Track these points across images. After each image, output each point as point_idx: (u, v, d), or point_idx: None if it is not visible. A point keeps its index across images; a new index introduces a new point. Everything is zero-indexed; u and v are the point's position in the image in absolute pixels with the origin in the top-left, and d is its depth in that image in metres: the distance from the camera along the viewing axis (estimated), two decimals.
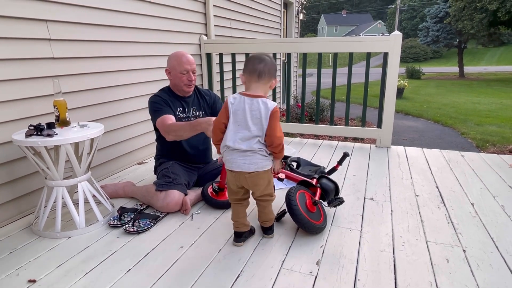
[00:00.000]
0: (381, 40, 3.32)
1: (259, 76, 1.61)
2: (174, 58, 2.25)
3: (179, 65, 2.22)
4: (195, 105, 2.39)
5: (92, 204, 1.99)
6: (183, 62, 2.22)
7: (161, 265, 1.63)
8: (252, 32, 5.61)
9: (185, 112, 2.34)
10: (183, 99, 2.34)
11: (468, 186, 2.50)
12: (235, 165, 1.64)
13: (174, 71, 2.24)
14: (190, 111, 2.37)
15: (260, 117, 1.59)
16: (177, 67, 2.22)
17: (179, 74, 2.23)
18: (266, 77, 1.63)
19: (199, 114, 2.41)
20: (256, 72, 1.61)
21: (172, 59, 2.26)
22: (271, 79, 1.66)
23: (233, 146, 1.61)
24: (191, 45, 3.80)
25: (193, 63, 2.27)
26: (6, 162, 2.02)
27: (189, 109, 2.36)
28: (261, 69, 1.61)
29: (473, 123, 7.52)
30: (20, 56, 2.05)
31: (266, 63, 1.62)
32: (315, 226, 1.82)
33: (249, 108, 1.60)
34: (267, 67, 1.62)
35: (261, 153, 1.63)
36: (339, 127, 3.72)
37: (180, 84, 2.26)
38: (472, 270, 1.57)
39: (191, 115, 2.37)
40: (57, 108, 1.94)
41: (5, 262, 1.68)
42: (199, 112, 2.41)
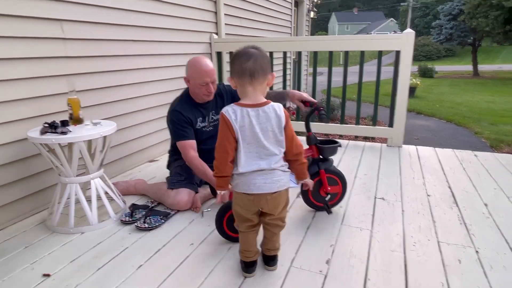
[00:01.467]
0: (393, 38, 3.29)
1: (252, 77, 1.33)
2: (193, 68, 2.13)
3: (198, 77, 2.11)
4: (213, 109, 2.33)
5: (105, 200, 2.02)
6: (202, 75, 2.10)
7: (172, 261, 1.65)
8: (263, 31, 5.60)
9: (204, 120, 2.28)
10: (202, 106, 2.27)
11: (481, 187, 2.46)
12: (254, 187, 1.36)
13: (193, 81, 2.14)
14: (210, 117, 2.31)
15: (273, 130, 1.36)
16: (197, 79, 2.12)
17: (198, 85, 2.14)
18: (261, 76, 1.35)
19: (218, 117, 2.35)
20: (246, 73, 1.33)
21: (191, 69, 2.14)
22: (266, 76, 1.37)
23: (249, 170, 1.36)
24: (201, 43, 3.81)
25: (213, 74, 2.15)
26: (21, 159, 2.07)
27: (208, 115, 2.30)
28: (251, 68, 1.33)
29: (487, 123, 7.38)
30: (35, 55, 2.09)
31: (256, 58, 1.34)
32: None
33: (256, 121, 1.34)
34: (258, 62, 1.34)
35: (282, 169, 1.41)
36: (350, 126, 3.70)
37: (199, 93, 2.18)
38: (485, 271, 1.55)
39: (210, 120, 2.31)
40: (71, 106, 1.97)
41: (20, 256, 1.72)
42: (218, 115, 2.32)
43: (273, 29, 6.13)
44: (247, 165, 1.37)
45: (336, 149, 2.01)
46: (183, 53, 3.50)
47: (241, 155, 1.37)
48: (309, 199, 2.06)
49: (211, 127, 2.32)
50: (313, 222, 2.00)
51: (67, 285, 1.50)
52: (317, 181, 2.01)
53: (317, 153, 2.00)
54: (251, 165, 1.37)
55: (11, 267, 1.64)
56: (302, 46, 3.86)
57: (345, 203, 2.22)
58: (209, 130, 2.31)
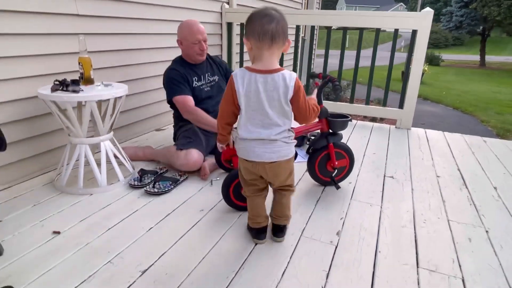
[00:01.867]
0: (411, 17, 3.19)
1: (273, 40, 1.27)
2: (185, 28, 2.23)
3: (190, 35, 2.21)
4: (209, 71, 2.42)
5: (114, 163, 2.00)
6: (194, 32, 2.21)
7: (182, 226, 1.64)
8: (275, 4, 5.46)
9: (200, 80, 2.35)
10: (196, 67, 2.35)
11: (490, 171, 2.45)
12: (252, 154, 1.37)
13: (186, 41, 2.24)
14: (206, 78, 2.39)
15: (279, 98, 1.31)
16: (189, 38, 2.22)
17: (191, 44, 2.23)
18: (281, 40, 1.29)
19: (214, 78, 2.44)
20: (268, 35, 1.26)
21: (183, 30, 2.24)
22: (285, 41, 1.32)
23: (249, 137, 1.36)
24: (212, 12, 3.71)
25: (204, 32, 2.26)
26: (30, 117, 2.03)
27: (204, 76, 2.38)
28: (274, 30, 1.26)
29: (494, 112, 7.33)
30: (45, 10, 2.01)
31: (278, 20, 1.27)
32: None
33: (263, 88, 1.30)
34: (280, 25, 1.27)
35: (284, 140, 1.37)
36: (359, 106, 3.65)
37: (193, 53, 2.27)
38: (495, 250, 1.55)
39: (206, 81, 2.39)
40: (82, 65, 1.92)
41: (29, 214, 1.72)
42: (214, 77, 2.44)
43: (284, 4, 5.98)
44: (248, 132, 1.36)
45: (346, 124, 1.98)
46: None
47: (244, 121, 1.36)
48: (316, 174, 2.05)
49: (208, 87, 2.39)
50: (323, 195, 1.99)
51: (77, 242, 1.50)
52: (324, 155, 1.99)
53: (327, 127, 1.97)
54: (252, 133, 1.36)
55: (21, 223, 1.63)
56: (316, 20, 3.75)
57: (354, 180, 2.21)
58: (207, 90, 2.38)
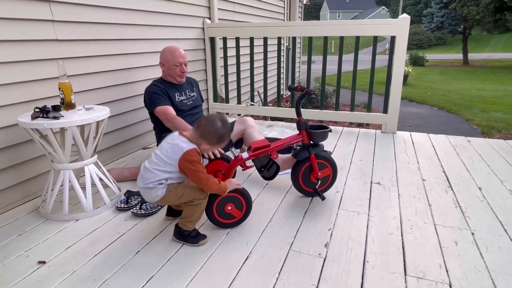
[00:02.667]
0: (389, 23, 3.26)
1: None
2: (168, 52, 2.41)
3: (173, 58, 2.38)
4: (188, 88, 2.58)
5: (99, 187, 1.98)
6: (176, 56, 2.39)
7: (170, 247, 1.63)
8: (256, 16, 5.52)
9: (182, 95, 2.51)
10: (176, 86, 2.49)
11: (475, 171, 2.49)
12: None
13: (168, 63, 2.40)
14: (187, 93, 2.55)
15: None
16: (171, 60, 2.39)
17: (172, 66, 2.39)
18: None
19: (194, 94, 2.61)
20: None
21: (166, 53, 2.41)
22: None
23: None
24: (194, 28, 3.74)
25: (185, 56, 2.44)
26: (11, 145, 2.01)
27: (185, 91, 2.54)
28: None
29: (478, 110, 7.47)
30: (24, 38, 2.01)
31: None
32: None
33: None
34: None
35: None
36: (344, 113, 3.69)
37: (173, 74, 2.42)
38: (481, 252, 1.57)
39: (188, 96, 2.55)
40: (62, 90, 1.92)
41: (14, 244, 1.69)
42: (193, 92, 2.61)
43: (267, 15, 6.05)
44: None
45: (326, 134, 2.00)
46: (177, 38, 3.43)
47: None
48: (300, 186, 2.06)
49: (190, 101, 2.55)
50: (310, 206, 2.00)
51: (63, 271, 1.48)
52: (307, 167, 2.00)
53: (308, 139, 1.98)
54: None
55: (5, 255, 1.60)
56: (297, 31, 3.81)
57: (342, 188, 2.22)
58: (189, 104, 2.54)
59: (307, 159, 1.98)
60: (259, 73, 5.03)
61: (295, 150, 2.03)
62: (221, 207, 1.71)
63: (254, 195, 2.15)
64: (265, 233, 1.73)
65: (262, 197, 2.13)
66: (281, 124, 3.90)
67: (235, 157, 1.92)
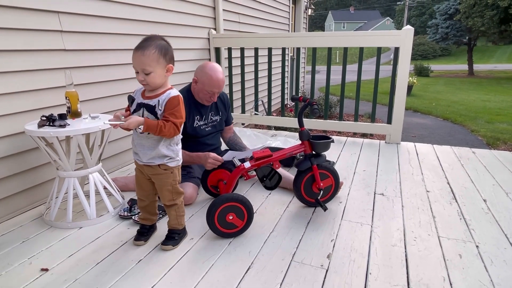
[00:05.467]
0: (392, 35, 3.28)
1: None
2: (206, 75, 2.13)
3: (209, 85, 2.14)
4: (213, 110, 2.35)
5: (103, 195, 2.00)
6: (213, 85, 2.13)
7: (172, 256, 1.63)
8: (261, 27, 5.58)
9: (202, 119, 2.29)
10: (201, 106, 2.28)
11: (480, 183, 2.47)
12: None
13: (202, 85, 2.15)
14: (208, 117, 2.33)
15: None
16: (206, 86, 2.14)
17: (204, 90, 2.16)
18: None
19: (216, 118, 2.38)
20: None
21: (204, 75, 2.13)
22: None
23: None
24: (200, 39, 3.79)
25: (223, 86, 2.19)
26: (18, 153, 2.04)
27: (207, 115, 2.32)
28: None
29: (483, 121, 7.43)
30: (33, 48, 2.05)
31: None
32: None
33: None
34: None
35: None
36: (348, 123, 3.69)
37: (202, 98, 2.21)
38: (485, 266, 1.55)
39: (208, 121, 2.33)
40: (68, 99, 1.95)
41: (17, 251, 1.70)
42: (217, 116, 2.38)
43: (272, 26, 6.11)
44: None
45: (328, 145, 2.00)
46: (182, 48, 3.48)
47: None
48: (303, 196, 2.05)
49: (209, 127, 2.34)
50: (313, 217, 2.00)
51: (66, 279, 1.48)
52: (309, 177, 2.00)
53: (310, 149, 1.99)
54: None
55: (8, 262, 1.61)
56: (302, 42, 3.84)
57: (345, 199, 2.22)
58: (208, 129, 2.33)
59: (309, 169, 1.98)
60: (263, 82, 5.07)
61: (297, 160, 2.04)
62: (223, 217, 1.72)
63: (257, 205, 2.15)
64: (267, 243, 1.73)
65: (264, 207, 2.13)
66: (285, 133, 3.91)
67: (237, 166, 1.93)
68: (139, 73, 1.49)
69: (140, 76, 1.49)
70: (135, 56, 1.48)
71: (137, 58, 1.47)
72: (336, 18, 54.76)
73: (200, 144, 2.28)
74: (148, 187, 1.69)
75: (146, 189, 1.70)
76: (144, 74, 1.48)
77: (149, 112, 1.54)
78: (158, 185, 1.65)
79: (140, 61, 1.46)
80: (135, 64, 1.49)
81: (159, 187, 1.66)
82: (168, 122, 1.50)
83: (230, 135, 2.51)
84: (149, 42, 1.48)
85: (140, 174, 1.68)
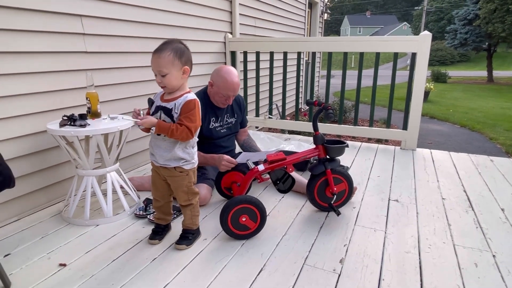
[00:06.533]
0: (409, 40, 3.26)
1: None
2: (222, 78, 2.16)
3: (224, 88, 2.17)
4: (228, 112, 2.38)
5: (120, 194, 2.04)
6: (228, 88, 2.17)
7: (186, 255, 1.66)
8: (277, 31, 5.61)
9: (218, 121, 2.32)
10: (217, 108, 2.32)
11: (497, 191, 2.42)
12: None
13: (217, 88, 2.19)
14: (224, 119, 2.36)
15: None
16: (221, 90, 2.18)
17: (220, 93, 2.20)
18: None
19: (232, 120, 2.41)
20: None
21: (220, 78, 2.17)
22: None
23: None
24: (216, 42, 3.84)
25: (238, 89, 2.22)
26: (39, 151, 2.10)
27: (222, 117, 2.35)
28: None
29: (503, 129, 7.25)
30: (56, 50, 2.13)
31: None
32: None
33: None
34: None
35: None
36: (363, 128, 3.67)
37: (217, 100, 2.25)
38: (502, 276, 1.52)
39: (224, 123, 2.36)
40: (89, 100, 2.00)
41: (37, 246, 1.75)
42: (232, 118, 2.41)
43: (287, 30, 6.13)
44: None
45: (343, 149, 2.00)
46: (199, 51, 3.53)
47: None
48: (316, 200, 2.05)
49: (224, 129, 2.37)
50: (326, 221, 2.00)
51: (82, 275, 1.52)
52: (323, 181, 2.00)
53: (324, 153, 1.99)
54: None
55: (28, 256, 1.67)
56: (317, 46, 3.85)
57: (358, 204, 2.21)
58: (223, 132, 2.36)
59: (323, 173, 1.98)
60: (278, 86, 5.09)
61: (311, 164, 2.04)
62: (236, 218, 1.73)
63: (270, 207, 2.16)
64: (280, 246, 1.74)
65: (277, 210, 2.14)
66: (299, 137, 3.91)
67: (251, 169, 1.95)
68: (157, 75, 1.54)
69: (158, 78, 1.54)
70: (153, 59, 1.53)
71: (154, 60, 1.53)
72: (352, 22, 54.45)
73: (215, 146, 2.31)
74: (164, 188, 1.72)
75: (162, 190, 1.73)
76: (160, 76, 1.52)
77: (166, 115, 1.57)
78: (174, 187, 1.68)
79: (157, 63, 1.52)
80: (153, 66, 1.54)
81: (174, 188, 1.69)
82: (181, 126, 1.53)
83: (244, 138, 2.53)
84: (166, 45, 1.53)
85: (156, 175, 1.71)
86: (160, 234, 1.79)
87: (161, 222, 1.81)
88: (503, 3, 16.15)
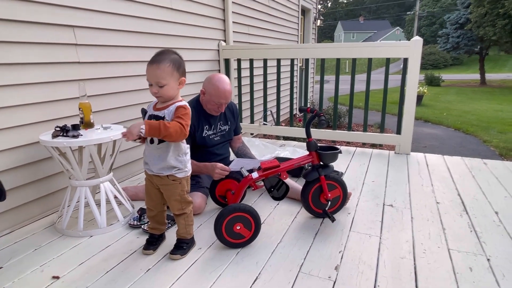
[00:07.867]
0: (401, 46, 3.29)
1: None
2: (213, 86, 2.16)
3: (216, 96, 2.17)
4: (221, 119, 2.38)
5: (114, 204, 2.03)
6: (220, 96, 2.17)
7: (181, 265, 1.65)
8: (270, 38, 5.64)
9: (211, 129, 2.32)
10: (210, 116, 2.32)
11: (491, 194, 2.44)
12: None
13: (209, 96, 2.19)
14: (217, 127, 2.36)
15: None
16: (213, 98, 2.18)
17: (211, 101, 2.20)
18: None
19: (225, 128, 2.40)
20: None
21: (211, 86, 2.17)
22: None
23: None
24: (210, 50, 3.85)
25: (230, 97, 2.22)
26: (32, 162, 2.09)
27: (215, 125, 2.35)
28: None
29: (496, 131, 7.32)
30: (48, 60, 2.13)
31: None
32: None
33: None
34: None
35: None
36: (357, 133, 3.69)
37: (210, 108, 2.25)
38: (497, 279, 1.53)
39: (217, 130, 2.36)
40: (82, 110, 2.00)
41: (30, 259, 1.74)
42: (225, 126, 2.41)
43: (281, 37, 6.17)
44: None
45: (336, 155, 2.01)
46: (193, 59, 3.55)
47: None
48: (310, 207, 2.06)
49: (218, 137, 2.36)
50: (321, 228, 1.99)
51: (76, 287, 1.51)
52: (317, 188, 2.00)
53: (318, 159, 2.00)
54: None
55: (21, 269, 1.65)
56: (310, 53, 3.88)
57: (353, 210, 2.21)
58: (216, 139, 2.35)
59: (316, 180, 1.98)
60: (272, 93, 5.11)
61: (305, 171, 2.04)
62: (230, 227, 1.73)
63: (264, 215, 2.16)
64: (275, 254, 1.73)
65: (272, 217, 2.13)
66: (294, 143, 3.91)
67: (245, 177, 1.95)
68: (153, 86, 1.53)
69: (154, 88, 1.53)
70: (150, 70, 1.53)
71: (152, 71, 1.52)
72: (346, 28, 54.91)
73: (209, 154, 2.31)
74: (157, 197, 1.72)
75: (155, 199, 1.72)
76: (158, 87, 1.52)
77: None
78: (167, 196, 1.68)
79: (155, 75, 1.51)
80: (150, 77, 1.53)
81: (167, 197, 1.68)
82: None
83: (239, 145, 2.53)
84: (163, 56, 1.53)
85: (149, 184, 1.71)
86: (155, 244, 1.78)
87: (155, 232, 1.80)
88: (493, 7, 16.39)
